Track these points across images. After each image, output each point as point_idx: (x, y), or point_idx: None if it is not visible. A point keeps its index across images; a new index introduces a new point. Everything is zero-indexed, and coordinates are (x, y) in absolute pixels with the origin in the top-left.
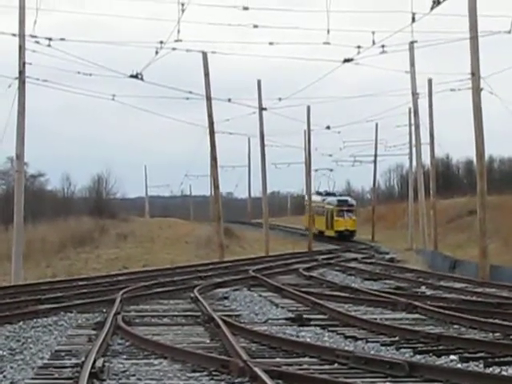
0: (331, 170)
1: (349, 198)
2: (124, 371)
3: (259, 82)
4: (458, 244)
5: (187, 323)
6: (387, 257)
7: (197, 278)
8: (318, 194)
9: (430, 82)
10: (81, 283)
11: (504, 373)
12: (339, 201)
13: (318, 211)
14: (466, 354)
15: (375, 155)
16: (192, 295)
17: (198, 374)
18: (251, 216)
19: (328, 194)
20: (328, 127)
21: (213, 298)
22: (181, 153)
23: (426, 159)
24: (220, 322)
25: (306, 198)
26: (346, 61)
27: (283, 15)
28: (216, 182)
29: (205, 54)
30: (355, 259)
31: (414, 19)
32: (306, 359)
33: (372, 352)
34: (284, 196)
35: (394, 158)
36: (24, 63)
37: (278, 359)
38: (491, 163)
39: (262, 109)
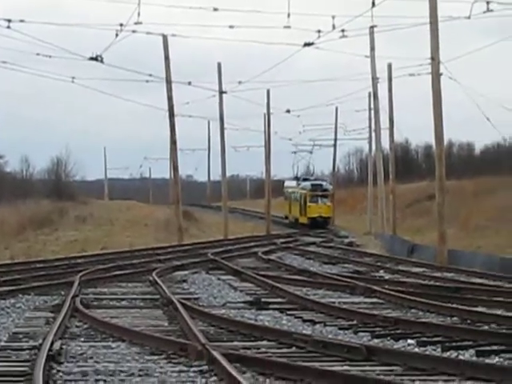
0: (311, 153)
1: (324, 183)
2: (82, 354)
3: (219, 65)
4: (417, 228)
5: (146, 306)
6: (346, 241)
7: (156, 261)
8: (296, 179)
9: (389, 66)
10: (39, 265)
11: (461, 357)
12: (313, 185)
13: (294, 197)
14: (424, 339)
15: (335, 139)
16: (151, 278)
17: (156, 357)
18: (210, 199)
19: (306, 179)
20: (288, 111)
21: (171, 281)
22: (140, 136)
23: (386, 144)
24: (178, 306)
25: (286, 184)
26: (307, 45)
27: None
28: (175, 165)
29: (165, 37)
30: (314, 243)
31: (374, 4)
32: (264, 343)
33: (330, 336)
34: (243, 179)
35: (354, 143)
36: None
37: (236, 343)
38: (450, 148)
39: (221, 92)
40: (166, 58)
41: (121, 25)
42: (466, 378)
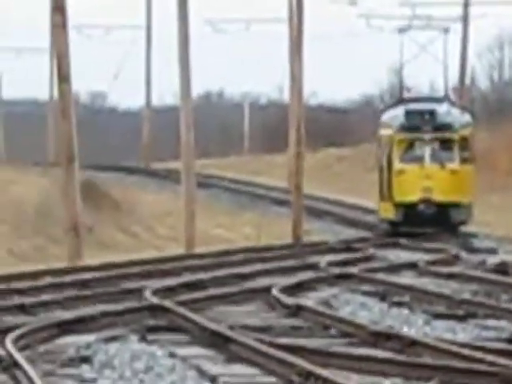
0: (447, 32)
1: (438, 107)
2: None
3: None
4: None
5: None
6: (493, 260)
7: (14, 308)
8: (400, 102)
9: None
10: None
11: None
12: (410, 114)
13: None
14: None
15: (465, 4)
16: (1, 352)
17: None
18: (151, 154)
19: (403, 100)
20: None
21: (54, 361)
22: None
23: None
24: None
25: (385, 117)
26: None
27: None
28: (64, 68)
29: None
30: (412, 265)
31: None
32: None
33: None
34: (236, 105)
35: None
36: None
37: None
38: None
39: None
40: None
41: None
42: None
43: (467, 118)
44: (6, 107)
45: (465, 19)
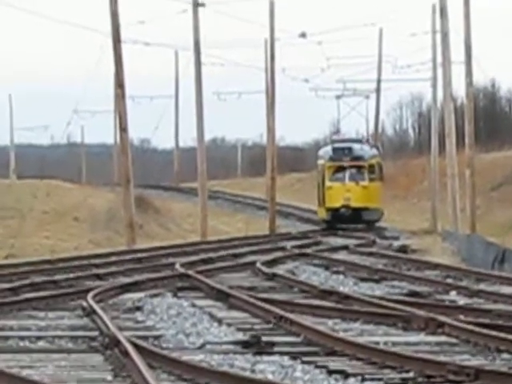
0: (367, 98)
1: (356, 145)
2: None
3: None
4: (511, 224)
5: (77, 349)
6: (396, 244)
7: (92, 276)
8: (334, 142)
9: None
10: None
11: None
12: (335, 150)
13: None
14: None
15: (378, 81)
16: (84, 304)
17: None
18: (179, 178)
19: (335, 141)
20: (303, 35)
21: (118, 309)
22: (67, 75)
23: (459, 88)
24: (129, 348)
25: (320, 152)
26: None
27: None
28: (123, 123)
29: None
30: (345, 247)
31: None
32: None
33: None
34: (233, 146)
35: (408, 86)
36: None
37: None
38: None
39: (197, 4)
40: None
41: None
42: None
43: (374, 152)
44: (86, 148)
45: (378, 90)
